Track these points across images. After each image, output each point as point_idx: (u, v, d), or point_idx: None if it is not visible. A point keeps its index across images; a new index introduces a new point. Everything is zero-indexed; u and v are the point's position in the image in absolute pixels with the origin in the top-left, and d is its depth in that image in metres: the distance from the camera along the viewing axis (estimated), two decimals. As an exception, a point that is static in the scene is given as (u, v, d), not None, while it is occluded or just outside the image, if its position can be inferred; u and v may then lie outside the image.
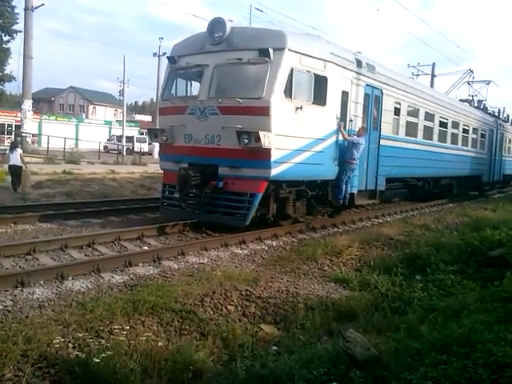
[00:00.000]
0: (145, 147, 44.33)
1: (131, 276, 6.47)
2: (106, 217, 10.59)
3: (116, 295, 5.47)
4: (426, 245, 8.90)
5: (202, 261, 7.48)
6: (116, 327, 4.40)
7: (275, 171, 8.95)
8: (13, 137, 40.53)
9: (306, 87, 9.48)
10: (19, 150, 14.01)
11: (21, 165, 13.70)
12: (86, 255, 7.45)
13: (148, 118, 78.66)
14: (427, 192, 17.37)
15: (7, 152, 15.41)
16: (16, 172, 13.67)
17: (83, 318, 4.66)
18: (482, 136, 22.64)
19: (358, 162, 10.91)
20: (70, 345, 4.15)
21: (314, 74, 9.53)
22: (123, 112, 49.57)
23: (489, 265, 7.25)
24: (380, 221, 13.12)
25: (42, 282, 5.88)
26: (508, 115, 32.48)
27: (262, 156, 8.77)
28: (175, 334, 4.73)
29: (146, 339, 4.29)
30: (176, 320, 4.94)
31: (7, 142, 40.14)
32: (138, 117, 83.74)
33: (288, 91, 8.98)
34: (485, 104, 27.89)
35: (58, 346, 3.99)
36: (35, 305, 5.15)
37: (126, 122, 51.76)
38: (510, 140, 28.85)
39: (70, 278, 6.13)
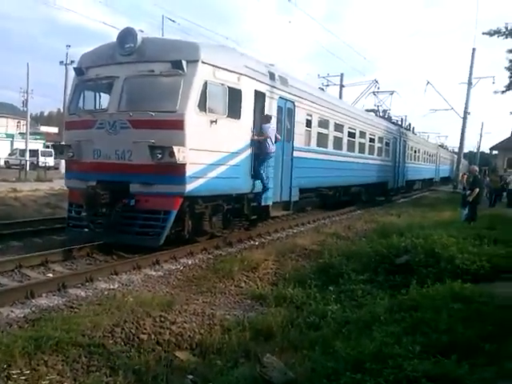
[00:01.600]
0: (50, 161, 41.86)
1: (33, 309, 5.93)
2: (5, 242, 9.71)
3: (15, 333, 4.96)
4: (338, 254, 9.15)
5: (112, 286, 7.07)
6: (14, 372, 3.99)
7: (190, 187, 8.78)
8: None
9: (221, 100, 9.45)
10: None
11: None
12: (-20, 288, 6.77)
13: (54, 130, 74.63)
14: (338, 200, 18.04)
15: None
16: None
17: (-25, 363, 4.18)
18: (387, 144, 24.03)
19: (274, 147, 11.05)
20: (-41, 397, 3.70)
21: (228, 87, 9.52)
22: (27, 124, 46.49)
23: (396, 272, 7.59)
24: (294, 231, 13.37)
25: None
26: (410, 124, 34.95)
27: (176, 171, 8.57)
28: (83, 371, 4.39)
29: (50, 382, 3.94)
30: (83, 356, 4.59)
31: None
32: (44, 128, 79.15)
33: (202, 104, 8.88)
34: (389, 113, 29.74)
35: None
36: None
37: (31, 134, 48.69)
38: (412, 147, 30.94)
39: (-39, 316, 5.53)
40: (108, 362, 4.57)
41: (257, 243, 11.20)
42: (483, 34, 25.42)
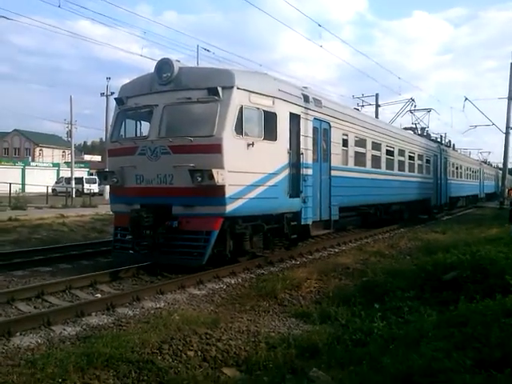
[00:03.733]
0: (95, 188, 43.39)
1: (84, 327, 6.15)
2: (55, 264, 10.14)
3: (68, 349, 5.16)
4: (382, 272, 9.01)
5: (158, 305, 7.23)
6: (69, 385, 4.14)
7: (230, 207, 8.92)
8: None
9: (257, 123, 9.63)
10: None
11: None
12: (35, 307, 7.07)
13: (97, 158, 77.37)
14: (379, 218, 17.80)
15: None
16: None
17: (33, 377, 4.35)
18: (427, 162, 23.62)
19: None
20: (19, 409, 3.86)
21: (264, 111, 9.70)
22: (71, 153, 48.50)
23: (443, 289, 7.39)
24: (336, 250, 13.25)
25: (-14, 341, 5.50)
26: (450, 140, 34.27)
27: (216, 193, 8.74)
28: (133, 386, 4.49)
29: (102, 395, 4.06)
30: (133, 371, 4.70)
31: None
32: (87, 157, 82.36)
33: (239, 128, 9.08)
34: (427, 131, 29.32)
35: (5, 412, 3.70)
36: (-21, 368, 4.78)
37: (75, 163, 50.65)
38: (453, 164, 30.27)
39: (18, 334, 5.78)
40: (157, 377, 4.65)
41: (298, 262, 11.17)
42: None
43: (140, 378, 4.63)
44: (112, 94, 37.76)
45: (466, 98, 36.51)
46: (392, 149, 18.43)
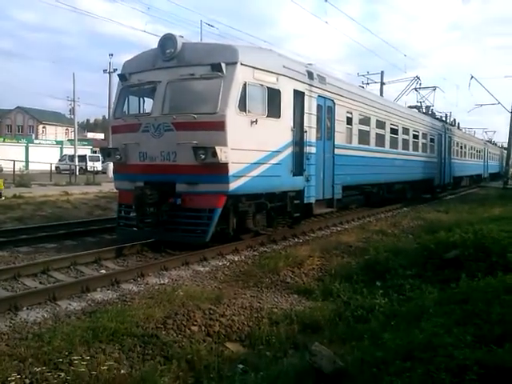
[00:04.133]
0: (98, 166, 43.45)
1: (89, 302, 6.25)
2: (60, 241, 10.22)
3: (74, 323, 5.26)
4: (384, 250, 9.06)
5: (162, 281, 7.32)
6: (75, 358, 4.21)
7: (233, 185, 8.92)
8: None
9: (260, 100, 9.55)
10: None
11: None
12: (40, 283, 7.16)
13: (101, 136, 77.30)
14: (382, 197, 17.79)
15: None
16: None
17: (40, 350, 4.44)
18: (432, 140, 23.48)
19: None
20: (27, 381, 3.94)
21: (268, 88, 9.61)
22: (74, 131, 48.39)
23: (445, 267, 7.45)
24: (338, 228, 13.30)
25: (-7, 315, 5.59)
26: (454, 119, 34.01)
27: (219, 171, 8.73)
28: (138, 359, 4.58)
29: (108, 368, 4.14)
30: (138, 345, 4.79)
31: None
32: (90, 135, 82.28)
33: (242, 105, 9.01)
34: (432, 109, 29.04)
35: (13, 383, 3.78)
36: (-13, 340, 4.87)
37: (78, 140, 50.59)
38: (457, 143, 30.09)
39: (25, 309, 5.86)
40: (162, 351, 4.75)
41: (301, 240, 11.24)
42: None
43: (145, 352, 4.73)
44: (115, 70, 37.31)
45: (472, 77, 35.98)
46: (396, 127, 18.31)
